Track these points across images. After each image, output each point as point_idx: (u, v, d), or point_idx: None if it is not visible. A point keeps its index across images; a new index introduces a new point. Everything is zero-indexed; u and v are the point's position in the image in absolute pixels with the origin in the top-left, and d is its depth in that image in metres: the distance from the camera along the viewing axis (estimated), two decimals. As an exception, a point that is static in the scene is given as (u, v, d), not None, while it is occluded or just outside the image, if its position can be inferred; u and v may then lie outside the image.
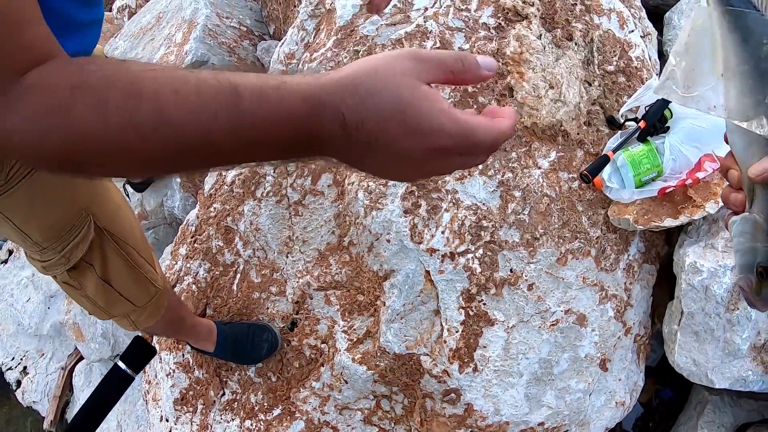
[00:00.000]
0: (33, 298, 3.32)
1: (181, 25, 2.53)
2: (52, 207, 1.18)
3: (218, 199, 1.86)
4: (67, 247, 1.21)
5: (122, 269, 1.33)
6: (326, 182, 1.73)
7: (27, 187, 1.09)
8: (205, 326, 1.78)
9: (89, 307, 1.39)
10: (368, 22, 1.78)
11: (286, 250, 1.77)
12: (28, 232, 1.17)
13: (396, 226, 1.59)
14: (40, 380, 3.35)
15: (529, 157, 1.72)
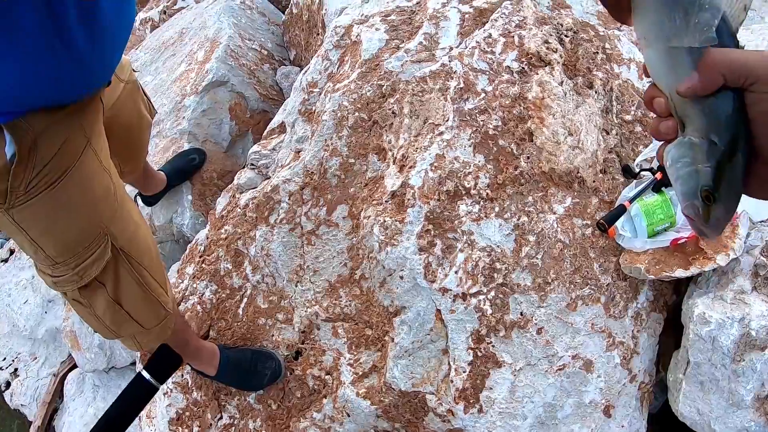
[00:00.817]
0: (31, 300, 3.26)
1: (204, 43, 2.52)
2: (72, 223, 1.15)
3: (230, 221, 1.83)
4: (82, 265, 1.19)
5: (134, 291, 1.31)
6: (341, 214, 1.70)
7: (48, 199, 1.08)
8: (209, 350, 1.74)
9: (96, 325, 1.36)
10: (393, 58, 1.77)
11: (296, 279, 1.74)
12: (44, 246, 1.14)
13: (410, 264, 1.56)
14: (31, 384, 3.29)
15: (545, 202, 1.71)
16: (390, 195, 1.61)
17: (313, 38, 2.40)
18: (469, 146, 1.65)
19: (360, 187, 1.72)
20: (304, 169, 1.76)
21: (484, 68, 1.76)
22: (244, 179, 1.90)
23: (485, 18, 1.90)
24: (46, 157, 1.03)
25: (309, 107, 1.91)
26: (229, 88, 2.40)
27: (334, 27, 1.94)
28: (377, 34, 1.83)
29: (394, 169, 1.66)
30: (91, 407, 2.82)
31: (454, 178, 1.61)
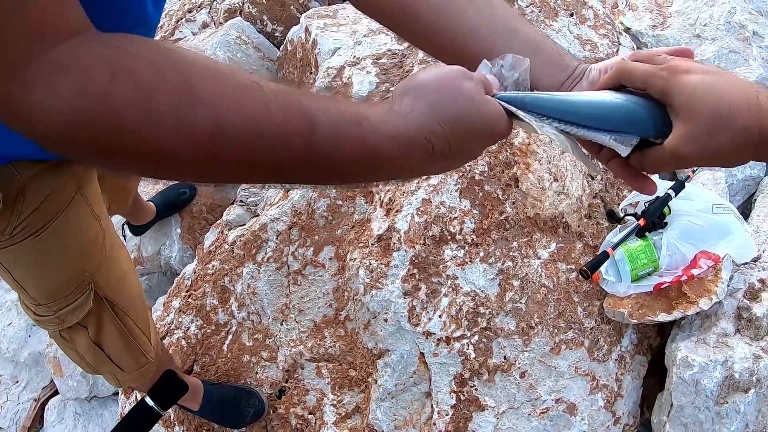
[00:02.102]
0: (15, 323, 3.22)
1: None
2: (55, 270, 1.13)
3: (218, 257, 1.82)
4: (63, 310, 1.17)
5: (116, 338, 1.28)
6: (328, 255, 1.70)
7: (32, 246, 1.05)
8: (193, 384, 1.71)
9: (76, 360, 1.34)
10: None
11: (282, 318, 1.73)
12: (26, 287, 1.12)
13: (394, 307, 1.56)
14: (11, 408, 3.23)
15: (529, 247, 1.71)
16: (376, 238, 1.61)
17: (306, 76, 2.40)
18: (456, 191, 1.66)
19: (347, 229, 1.72)
20: (292, 208, 1.76)
21: (473, 112, 1.77)
22: (232, 215, 1.89)
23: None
24: (32, 204, 1.01)
25: (299, 147, 1.91)
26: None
27: (326, 68, 1.95)
28: (368, 77, 1.85)
29: (381, 213, 1.66)
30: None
31: (440, 222, 1.62)
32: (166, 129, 0.45)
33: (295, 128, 0.50)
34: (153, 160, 0.47)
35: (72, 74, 0.43)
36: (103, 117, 0.44)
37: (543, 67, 0.72)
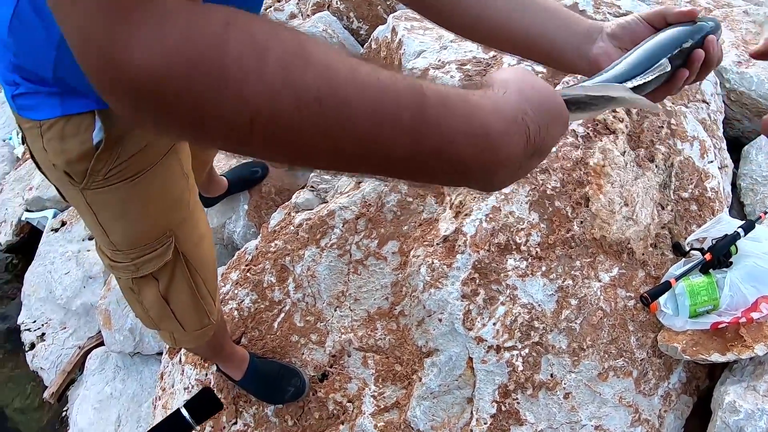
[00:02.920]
0: (72, 273, 3.30)
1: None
2: (141, 218, 1.14)
3: (282, 236, 1.82)
4: (141, 259, 1.18)
5: (185, 295, 1.30)
6: (392, 249, 1.69)
7: (124, 191, 1.07)
8: (240, 355, 1.73)
9: (139, 312, 1.35)
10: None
11: (336, 304, 1.73)
12: (109, 231, 1.13)
13: (450, 308, 1.54)
14: (54, 351, 3.31)
15: (591, 269, 1.67)
16: (442, 239, 1.59)
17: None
18: (526, 203, 1.63)
19: (414, 226, 1.70)
20: (362, 199, 1.75)
21: (548, 130, 1.74)
22: (302, 199, 1.90)
23: (557, 80, 1.88)
24: (130, 151, 1.03)
25: (376, 139, 1.91)
26: None
27: (410, 68, 1.94)
28: (451, 82, 1.83)
29: (450, 215, 1.64)
30: (108, 386, 2.83)
31: (507, 232, 1.59)
32: (272, 84, 0.42)
33: (407, 100, 0.46)
34: (246, 120, 0.42)
35: (184, 17, 0.40)
36: (209, 63, 0.40)
37: (559, 30, 0.77)
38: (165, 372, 2.12)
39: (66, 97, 0.94)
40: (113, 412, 2.72)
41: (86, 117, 0.96)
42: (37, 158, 1.05)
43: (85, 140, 0.98)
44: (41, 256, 3.65)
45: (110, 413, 2.73)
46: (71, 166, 1.00)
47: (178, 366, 2.01)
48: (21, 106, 0.97)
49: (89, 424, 2.73)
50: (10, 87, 0.96)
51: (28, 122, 0.98)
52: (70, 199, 1.13)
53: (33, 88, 0.94)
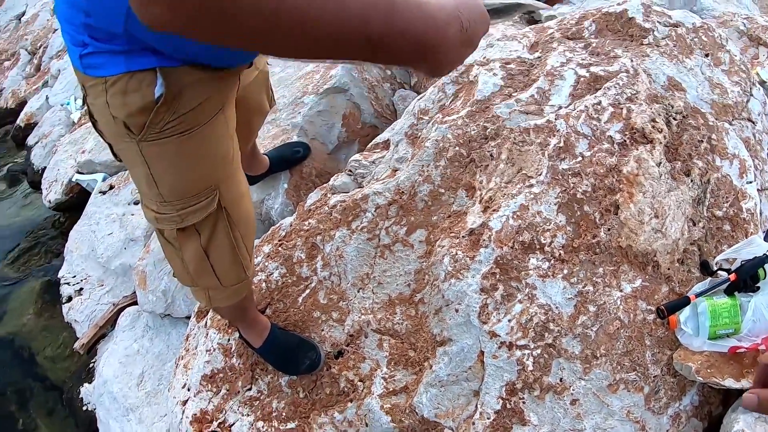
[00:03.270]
0: (115, 234, 3.41)
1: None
2: (190, 170, 1.22)
3: (316, 216, 1.87)
4: (186, 209, 1.25)
5: (225, 248, 1.37)
6: (419, 237, 1.71)
7: (177, 144, 1.16)
8: (263, 323, 1.79)
9: (179, 268, 1.42)
10: (504, 104, 1.77)
11: (360, 285, 1.76)
12: (159, 183, 1.21)
13: (468, 300, 1.55)
14: (90, 305, 3.41)
15: (614, 278, 1.66)
16: (468, 231, 1.61)
17: (437, 70, 2.43)
18: (555, 204, 1.63)
19: (443, 217, 1.72)
20: (396, 187, 1.78)
21: (587, 133, 1.74)
22: (339, 182, 1.94)
23: (599, 85, 1.88)
24: (186, 107, 1.12)
25: (415, 132, 1.93)
26: (348, 97, 2.44)
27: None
28: (494, 79, 1.84)
29: (479, 209, 1.65)
30: (136, 343, 2.91)
31: (533, 231, 1.60)
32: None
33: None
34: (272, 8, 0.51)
35: None
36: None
37: None
38: (191, 334, 2.18)
39: (130, 55, 1.03)
40: (138, 367, 2.80)
41: (148, 74, 1.05)
42: (97, 114, 1.13)
43: (146, 94, 1.06)
44: (87, 216, 3.77)
45: (135, 368, 2.81)
46: (131, 119, 1.09)
47: (203, 329, 2.06)
48: (88, 65, 1.05)
49: (114, 376, 2.80)
50: (79, 48, 1.04)
51: (93, 80, 1.07)
52: (123, 154, 1.21)
53: (101, 47, 1.02)
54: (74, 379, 3.23)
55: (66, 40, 1.09)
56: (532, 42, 2.00)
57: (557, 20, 2.13)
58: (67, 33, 1.07)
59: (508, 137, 1.72)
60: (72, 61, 1.10)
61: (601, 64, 1.93)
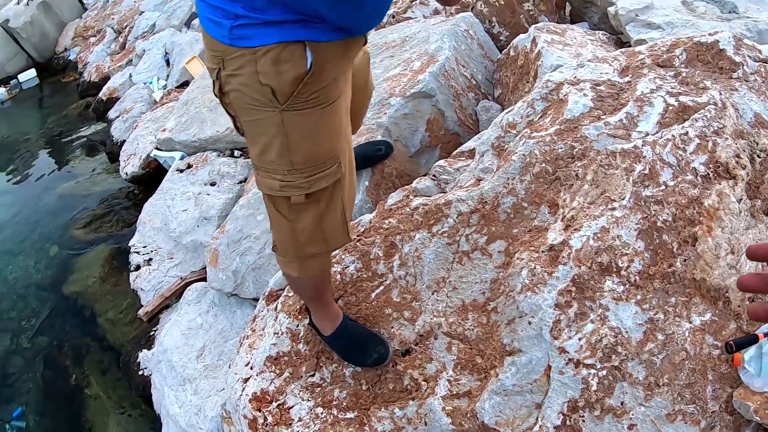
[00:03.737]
0: (190, 211, 3.51)
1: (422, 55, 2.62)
2: (323, 140, 1.30)
3: (396, 215, 1.91)
4: (315, 176, 1.31)
5: (337, 213, 1.43)
6: (498, 248, 1.74)
7: (318, 114, 1.24)
8: (336, 311, 1.82)
9: (287, 239, 1.47)
10: (592, 126, 1.78)
11: (435, 288, 1.79)
12: (294, 150, 1.27)
13: (542, 314, 1.57)
14: (157, 276, 3.51)
15: (685, 308, 1.66)
16: (548, 247, 1.62)
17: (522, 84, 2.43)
18: (635, 230, 1.63)
19: (523, 230, 1.74)
20: (480, 196, 1.81)
21: (672, 162, 1.73)
22: (422, 185, 1.98)
23: (687, 115, 1.87)
24: (327, 80, 1.21)
25: (502, 144, 1.96)
26: (433, 103, 2.47)
27: (546, 80, 1.97)
28: (584, 99, 1.85)
29: (560, 226, 1.67)
30: (200, 317, 2.98)
31: (611, 253, 1.60)
32: None
33: None
34: None
35: None
36: None
37: None
38: (258, 315, 2.23)
39: (282, 26, 1.11)
40: (199, 341, 2.87)
41: (299, 46, 1.14)
42: (238, 85, 1.20)
43: (299, 65, 1.15)
44: (163, 191, 3.89)
45: (196, 341, 2.87)
46: (282, 87, 1.16)
47: (273, 312, 2.12)
48: (238, 36, 1.13)
49: (175, 346, 2.88)
50: (229, 20, 1.12)
51: (240, 50, 1.14)
52: (256, 125, 1.26)
53: (255, 17, 1.10)
54: (133, 343, 3.34)
55: (206, 15, 1.16)
56: (622, 66, 1.99)
57: (648, 45, 2.12)
58: (212, 7, 1.14)
59: (595, 159, 1.73)
60: (213, 33, 1.16)
61: (690, 95, 1.91)
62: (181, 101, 4.46)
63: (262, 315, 2.21)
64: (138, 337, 3.34)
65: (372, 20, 1.25)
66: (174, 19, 6.99)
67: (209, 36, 1.19)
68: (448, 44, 2.63)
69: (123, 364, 3.27)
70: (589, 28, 3.13)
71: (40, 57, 9.90)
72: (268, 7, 1.09)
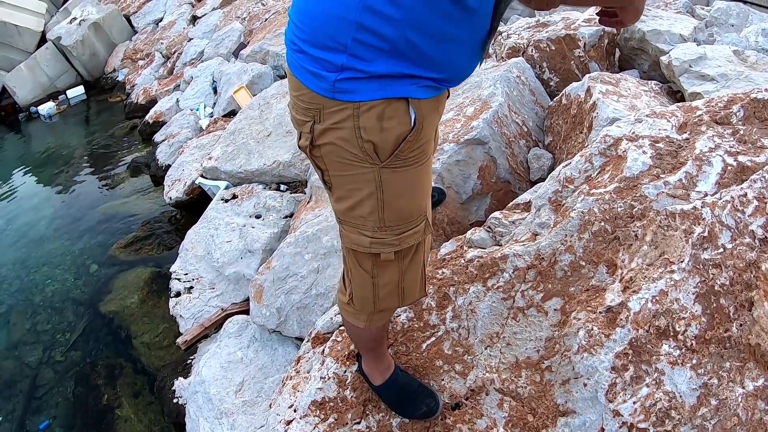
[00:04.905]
0: (234, 243, 3.56)
1: (475, 101, 2.65)
2: (415, 198, 1.29)
3: (450, 266, 1.92)
4: (404, 233, 1.31)
5: (417, 268, 1.43)
6: (554, 305, 1.74)
7: (414, 172, 1.24)
8: (388, 361, 1.81)
9: (367, 292, 1.45)
10: (652, 185, 1.78)
11: (488, 342, 1.80)
12: (387, 207, 1.26)
13: (598, 376, 1.57)
14: (197, 305, 3.53)
15: (739, 374, 1.64)
16: (606, 308, 1.62)
17: (575, 134, 2.44)
18: (693, 294, 1.63)
19: (581, 289, 1.75)
20: (537, 252, 1.82)
21: (731, 225, 1.72)
22: (476, 236, 1.99)
23: (745, 176, 1.86)
24: (424, 137, 1.21)
25: (559, 199, 1.97)
26: (486, 150, 2.49)
27: (604, 135, 1.98)
28: (643, 157, 1.86)
29: (618, 287, 1.67)
30: (241, 351, 2.99)
31: (669, 317, 1.60)
32: None
33: None
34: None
35: None
36: None
37: None
38: (303, 357, 2.23)
39: (386, 81, 1.11)
40: (238, 375, 2.87)
41: (402, 103, 1.14)
42: (333, 138, 1.19)
43: (403, 123, 1.15)
44: (207, 219, 3.95)
45: (235, 375, 2.87)
46: (385, 144, 1.16)
47: (320, 356, 2.13)
48: (340, 89, 1.12)
49: (213, 378, 2.88)
50: (333, 73, 1.11)
51: (341, 104, 1.14)
52: (350, 179, 1.25)
53: (362, 69, 1.10)
54: (168, 369, 3.34)
55: (305, 66, 1.16)
56: (680, 122, 2.00)
57: (705, 101, 2.12)
58: (313, 59, 1.14)
59: (654, 219, 1.73)
60: (312, 86, 1.15)
61: (748, 154, 1.91)
62: (228, 131, 4.55)
63: (308, 357, 2.21)
64: (174, 364, 3.36)
65: (470, 70, 1.25)
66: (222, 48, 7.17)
67: (306, 88, 1.17)
68: (500, 90, 2.65)
69: (157, 389, 3.28)
70: (639, 75, 3.14)
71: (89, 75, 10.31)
72: (375, 57, 1.08)
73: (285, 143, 4.08)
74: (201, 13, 9.11)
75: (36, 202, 6.49)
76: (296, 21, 1.18)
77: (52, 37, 10.15)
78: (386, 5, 1.03)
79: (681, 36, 3.12)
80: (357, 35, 1.07)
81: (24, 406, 3.64)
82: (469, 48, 1.16)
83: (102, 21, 10.22)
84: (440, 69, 1.15)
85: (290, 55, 1.23)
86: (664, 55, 2.93)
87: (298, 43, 1.17)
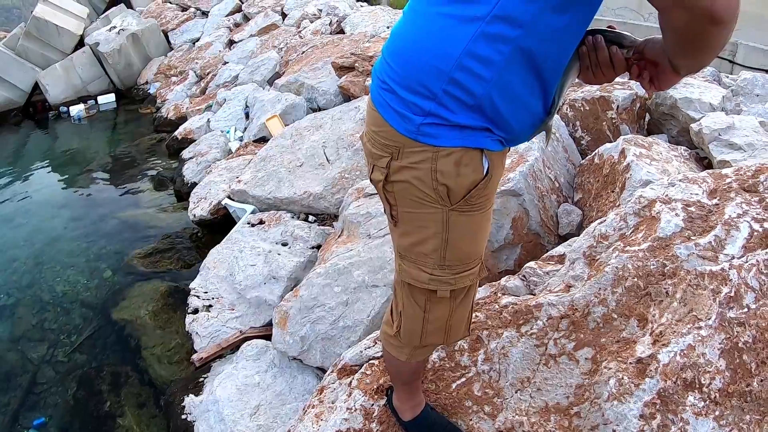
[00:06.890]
0: (258, 267, 3.61)
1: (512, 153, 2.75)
2: (474, 242, 1.38)
3: (484, 311, 2.01)
4: (461, 274, 1.40)
5: (466, 309, 1.51)
6: (585, 355, 1.83)
7: (479, 217, 1.33)
8: (420, 397, 1.87)
9: (417, 327, 1.52)
10: (683, 246, 1.88)
11: (519, 386, 1.88)
12: (450, 248, 1.35)
13: (627, 423, 1.65)
14: (215, 324, 3.54)
15: (758, 427, 1.71)
16: (636, 359, 1.71)
17: (607, 193, 2.55)
18: (718, 349, 1.71)
19: (612, 340, 1.83)
20: (570, 302, 1.92)
21: (755, 286, 1.82)
22: (511, 284, 2.09)
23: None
24: (492, 186, 1.31)
25: (594, 254, 2.07)
26: (520, 202, 2.57)
27: (638, 196, 2.09)
28: (675, 219, 1.96)
29: (649, 340, 1.76)
30: (258, 375, 3.02)
31: (695, 370, 1.68)
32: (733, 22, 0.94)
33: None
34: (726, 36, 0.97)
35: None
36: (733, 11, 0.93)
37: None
38: (327, 387, 2.28)
39: (466, 131, 1.21)
40: (254, 399, 2.89)
41: (478, 153, 1.23)
42: (409, 177, 1.28)
43: (477, 170, 1.25)
44: (231, 241, 3.99)
45: (251, 399, 2.89)
46: (458, 189, 1.26)
47: (347, 387, 2.17)
48: (424, 133, 1.22)
49: (228, 399, 2.90)
50: (419, 117, 1.21)
51: (421, 146, 1.23)
52: (417, 218, 1.34)
53: (448, 118, 1.20)
54: (179, 385, 3.32)
55: (392, 105, 1.25)
56: (711, 188, 2.10)
57: (734, 169, 2.23)
58: (403, 101, 1.22)
59: (685, 278, 1.83)
60: (396, 125, 1.24)
61: (774, 221, 2.01)
62: (260, 156, 4.65)
63: (333, 387, 2.26)
64: (185, 381, 3.34)
65: (528, 137, 1.36)
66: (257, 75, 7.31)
67: (388, 125, 1.25)
68: (537, 145, 2.75)
69: (165, 404, 3.27)
70: (667, 140, 3.25)
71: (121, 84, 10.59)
72: (460, 110, 1.18)
73: (317, 175, 4.19)
74: (238, 38, 9.33)
75: (55, 201, 6.48)
76: (390, 61, 1.27)
77: (90, 42, 10.46)
78: (479, 65, 1.14)
79: (710, 105, 3.24)
80: (448, 87, 1.17)
81: (20, 401, 3.60)
82: (535, 117, 1.27)
83: (141, 33, 10.51)
84: (510, 130, 1.25)
85: (376, 92, 1.31)
86: (693, 122, 3.04)
87: (388, 82, 1.26)
